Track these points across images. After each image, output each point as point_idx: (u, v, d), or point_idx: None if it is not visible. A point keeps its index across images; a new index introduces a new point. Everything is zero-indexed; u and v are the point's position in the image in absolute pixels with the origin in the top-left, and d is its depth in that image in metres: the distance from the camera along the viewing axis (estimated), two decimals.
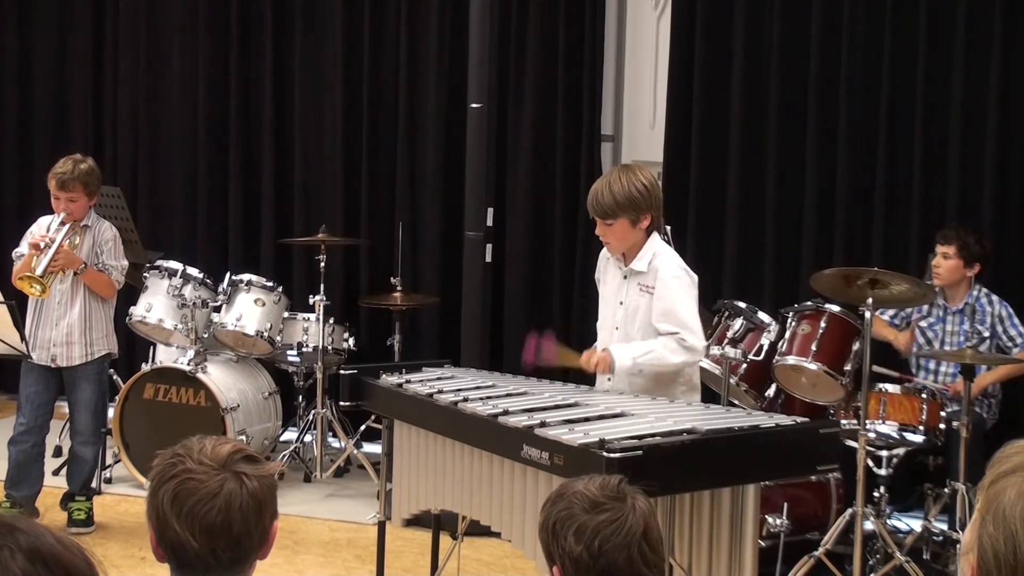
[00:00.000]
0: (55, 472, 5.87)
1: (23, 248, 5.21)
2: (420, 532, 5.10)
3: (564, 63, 6.56)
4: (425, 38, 6.82)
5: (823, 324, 5.04)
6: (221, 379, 6.01)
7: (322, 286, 6.14)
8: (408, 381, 4.11)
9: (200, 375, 5.91)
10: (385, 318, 6.60)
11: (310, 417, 6.25)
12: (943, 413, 4.99)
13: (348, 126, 6.98)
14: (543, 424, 3.35)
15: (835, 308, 5.07)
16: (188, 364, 5.93)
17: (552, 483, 3.21)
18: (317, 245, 6.23)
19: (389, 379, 4.17)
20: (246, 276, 6.24)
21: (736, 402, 5.05)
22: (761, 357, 5.14)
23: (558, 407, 3.63)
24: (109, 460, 5.97)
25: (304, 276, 6.94)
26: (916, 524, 5.14)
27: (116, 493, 5.91)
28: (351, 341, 6.34)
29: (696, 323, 4.03)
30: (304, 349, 6.24)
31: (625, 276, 4.13)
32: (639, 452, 3.08)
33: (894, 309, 5.37)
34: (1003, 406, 5.39)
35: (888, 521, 4.99)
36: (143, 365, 6.13)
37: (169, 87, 7.36)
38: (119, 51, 7.42)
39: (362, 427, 6.39)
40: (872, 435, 4.85)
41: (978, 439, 4.99)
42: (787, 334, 5.13)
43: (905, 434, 4.96)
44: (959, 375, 5.10)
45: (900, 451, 5.04)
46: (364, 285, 6.93)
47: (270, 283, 6.23)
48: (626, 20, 6.76)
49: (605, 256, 4.26)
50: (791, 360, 5.05)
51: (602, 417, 3.50)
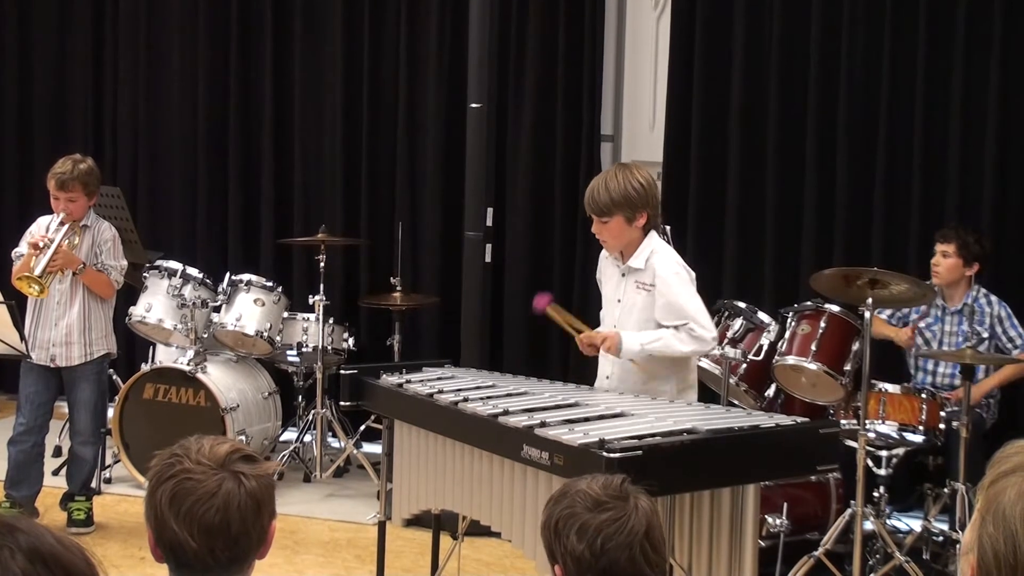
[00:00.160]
0: (55, 472, 5.87)
1: (22, 248, 5.21)
2: (420, 532, 5.10)
3: (564, 63, 6.56)
4: (425, 38, 6.82)
5: (823, 324, 5.04)
6: (221, 379, 6.01)
7: (322, 286, 6.14)
8: (408, 381, 4.11)
9: (200, 375, 5.90)
10: (385, 318, 6.60)
11: (310, 417, 6.25)
12: (943, 413, 4.99)
13: (348, 126, 6.98)
14: (543, 424, 3.35)
15: (835, 308, 5.07)
16: (188, 364, 5.93)
17: (552, 483, 3.21)
18: (317, 245, 6.23)
19: (389, 379, 4.17)
20: (246, 276, 6.24)
21: (736, 402, 5.05)
22: (761, 357, 5.14)
23: (558, 407, 3.64)
24: (109, 460, 5.97)
25: (304, 276, 6.94)
26: (916, 524, 5.14)
27: (116, 493, 5.91)
28: (351, 341, 6.35)
29: (702, 313, 4.03)
30: (304, 349, 6.24)
31: (623, 274, 4.14)
32: (639, 452, 3.08)
33: (891, 309, 5.37)
34: (1003, 406, 5.39)
35: (888, 521, 4.98)
36: (143, 365, 6.14)
37: (169, 87, 7.36)
38: (119, 51, 7.42)
39: (362, 427, 6.39)
40: (872, 435, 4.85)
41: (978, 439, 4.99)
42: (787, 334, 5.14)
43: (905, 434, 4.96)
44: (958, 375, 5.11)
45: (900, 451, 5.03)
46: (364, 285, 6.93)
47: (270, 283, 6.23)
48: (626, 20, 6.76)
49: (605, 256, 4.26)
50: (791, 360, 5.05)
51: (602, 417, 3.50)
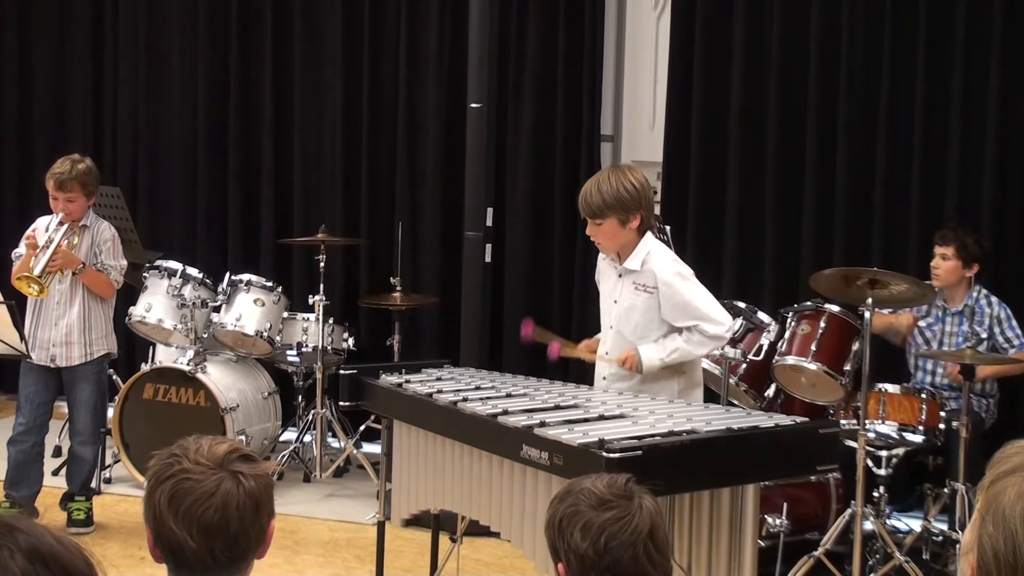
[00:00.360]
0: (55, 472, 5.87)
1: (22, 248, 5.21)
2: (419, 532, 5.10)
3: (564, 63, 6.56)
4: (425, 38, 6.82)
5: (823, 324, 5.04)
6: (221, 379, 6.00)
7: (322, 286, 6.14)
8: (408, 381, 4.11)
9: (200, 375, 5.90)
10: (385, 318, 6.60)
11: (310, 417, 6.25)
12: (942, 413, 4.99)
13: (348, 126, 6.98)
14: (543, 424, 3.35)
15: (835, 308, 5.07)
16: (188, 364, 5.92)
17: (552, 483, 3.22)
18: (317, 245, 6.23)
19: (389, 379, 4.17)
20: (246, 276, 6.24)
21: (736, 402, 5.05)
22: (761, 357, 5.14)
23: (558, 407, 3.63)
24: (108, 460, 5.97)
25: (304, 276, 6.94)
26: (916, 524, 5.14)
27: (115, 493, 5.91)
28: (351, 341, 6.34)
29: (712, 308, 4.03)
30: (304, 349, 6.24)
31: (620, 275, 4.14)
32: (639, 452, 3.08)
33: (891, 309, 5.36)
34: (1002, 406, 5.39)
35: (888, 521, 4.98)
36: (143, 365, 6.13)
37: (169, 87, 7.36)
38: (119, 51, 7.43)
39: (362, 427, 6.39)
40: (872, 435, 4.85)
41: (977, 439, 4.99)
42: (787, 334, 5.14)
43: (905, 434, 4.96)
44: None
45: (900, 451, 5.03)
46: (364, 285, 6.93)
47: (270, 283, 6.23)
48: (626, 20, 6.76)
49: (603, 257, 4.26)
50: (791, 360, 5.05)
51: (602, 417, 3.50)
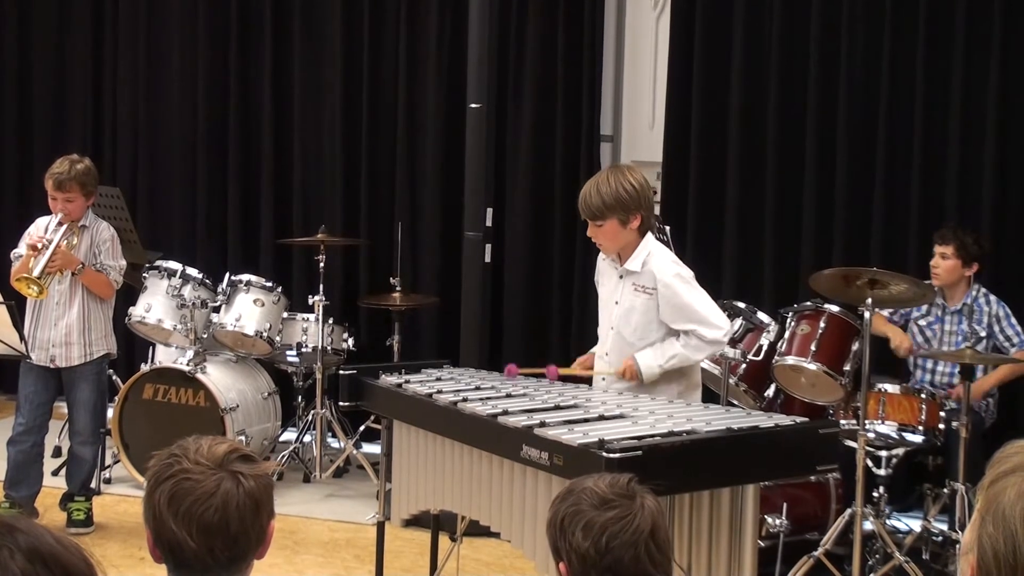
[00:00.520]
0: (54, 472, 5.87)
1: (21, 249, 5.21)
2: (419, 532, 5.09)
3: (563, 63, 6.56)
4: (425, 38, 6.82)
5: (822, 324, 5.04)
6: (220, 379, 6.00)
7: (321, 286, 6.14)
8: (407, 381, 4.11)
9: (199, 375, 5.90)
10: (384, 318, 6.60)
11: (309, 417, 6.25)
12: (942, 413, 4.99)
13: (348, 126, 6.98)
14: (543, 424, 3.34)
15: (834, 308, 5.07)
16: (187, 364, 5.92)
17: (552, 483, 3.22)
18: (316, 245, 6.23)
19: (388, 379, 4.16)
20: (245, 276, 6.24)
21: (736, 402, 5.05)
22: (760, 357, 5.14)
23: (558, 408, 3.63)
24: (108, 460, 5.96)
25: (303, 276, 6.94)
26: (916, 524, 5.14)
27: (115, 493, 5.91)
28: (350, 341, 6.34)
29: (710, 311, 4.02)
30: (303, 349, 6.24)
31: (620, 276, 4.13)
32: (639, 452, 3.08)
33: (891, 309, 5.36)
34: (1002, 406, 5.39)
35: (887, 521, 4.98)
36: (142, 365, 6.13)
37: (169, 87, 7.36)
38: (119, 51, 7.42)
39: (361, 427, 6.39)
40: (871, 435, 4.85)
41: (977, 439, 4.99)
42: (786, 334, 5.14)
43: (904, 434, 4.96)
44: (957, 375, 5.10)
45: (899, 451, 5.03)
46: (363, 285, 6.93)
47: (269, 283, 6.23)
48: (625, 20, 6.76)
49: (603, 257, 4.26)
50: (790, 360, 5.05)
51: (602, 417, 3.49)
